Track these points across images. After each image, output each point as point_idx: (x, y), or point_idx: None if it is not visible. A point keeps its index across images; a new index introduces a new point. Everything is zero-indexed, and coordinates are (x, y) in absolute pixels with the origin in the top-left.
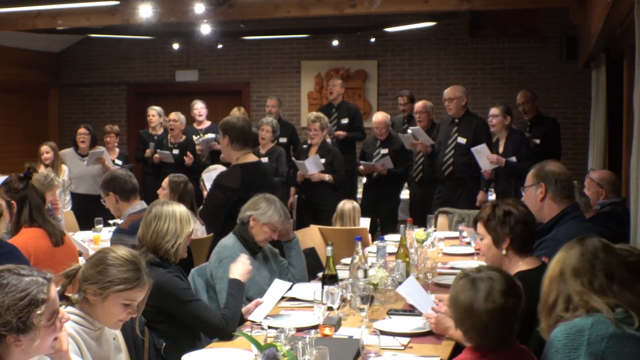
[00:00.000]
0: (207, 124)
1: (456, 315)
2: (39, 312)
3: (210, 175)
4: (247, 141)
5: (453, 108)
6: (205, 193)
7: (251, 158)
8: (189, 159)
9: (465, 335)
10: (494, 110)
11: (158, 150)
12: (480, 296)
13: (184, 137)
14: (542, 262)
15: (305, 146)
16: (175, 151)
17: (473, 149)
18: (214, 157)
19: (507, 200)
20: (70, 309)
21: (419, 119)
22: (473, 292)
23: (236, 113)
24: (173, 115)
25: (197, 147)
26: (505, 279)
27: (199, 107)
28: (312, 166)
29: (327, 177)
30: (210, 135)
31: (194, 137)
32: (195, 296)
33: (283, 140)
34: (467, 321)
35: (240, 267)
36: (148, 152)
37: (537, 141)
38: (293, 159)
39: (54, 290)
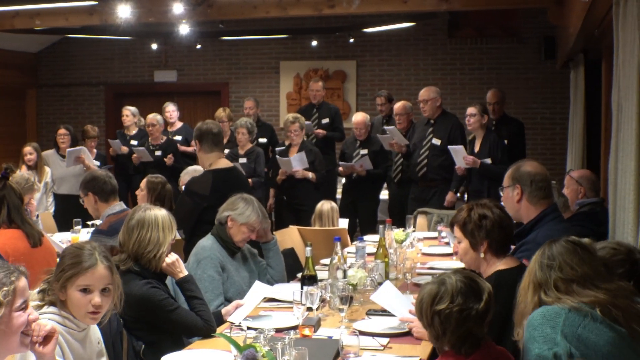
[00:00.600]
0: (179, 125)
1: (420, 318)
2: (5, 288)
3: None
4: (217, 142)
5: (428, 109)
6: None
7: (224, 164)
8: (169, 159)
9: (432, 339)
10: (471, 110)
11: (134, 148)
12: (439, 298)
13: (164, 139)
14: (521, 263)
15: (282, 148)
16: (158, 153)
17: (450, 147)
18: (180, 158)
19: (482, 202)
20: (52, 309)
21: (399, 121)
22: (433, 295)
23: (221, 114)
24: (151, 119)
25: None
26: (467, 280)
27: (170, 110)
28: (298, 163)
29: (310, 174)
30: (177, 138)
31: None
32: (176, 303)
33: (263, 140)
34: (430, 323)
35: (175, 263)
36: (111, 150)
37: (505, 142)
38: (277, 157)
39: (25, 283)
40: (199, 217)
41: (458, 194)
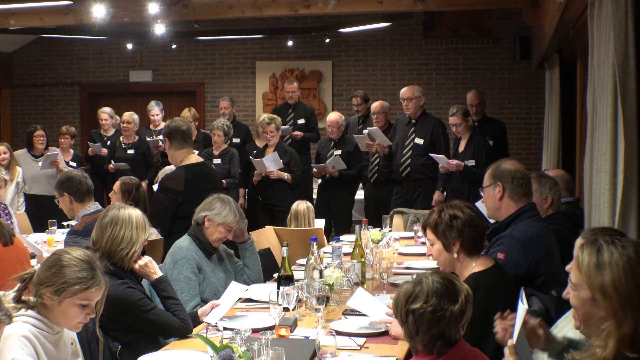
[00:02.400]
0: (163, 125)
1: (395, 315)
2: None
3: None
4: (186, 138)
5: (412, 108)
6: None
7: (194, 159)
8: (112, 167)
9: (407, 338)
10: (454, 120)
11: (112, 162)
12: (414, 297)
13: (137, 138)
14: (495, 262)
15: (255, 151)
16: (130, 151)
17: (432, 155)
18: (165, 158)
19: (452, 203)
20: (29, 312)
21: (377, 120)
22: (409, 294)
23: (186, 114)
24: (126, 117)
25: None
26: (444, 282)
27: (154, 113)
28: (271, 163)
29: (285, 175)
30: (158, 138)
31: (147, 139)
32: (152, 303)
33: (236, 140)
34: (405, 322)
35: (149, 265)
36: (90, 150)
37: (490, 143)
38: (250, 158)
39: None
40: (174, 213)
41: (445, 193)
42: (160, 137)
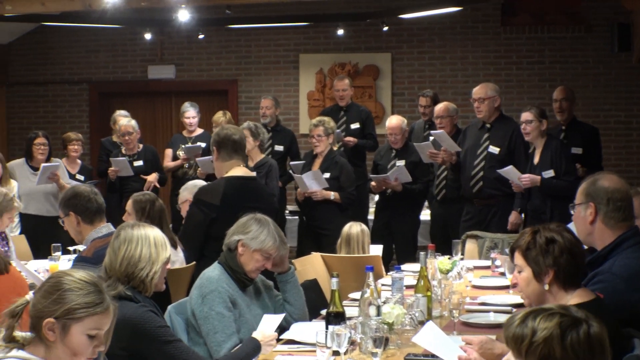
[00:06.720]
0: (199, 131)
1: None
2: None
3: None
4: (237, 149)
5: (484, 110)
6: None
7: (241, 171)
8: (151, 179)
9: None
10: (527, 115)
11: (112, 160)
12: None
13: (141, 146)
14: (596, 296)
15: (298, 162)
16: (138, 163)
17: (500, 171)
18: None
19: (549, 225)
20: (20, 353)
21: (440, 125)
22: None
23: (221, 118)
24: (126, 127)
25: (182, 157)
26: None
27: (190, 116)
28: (312, 182)
29: (332, 195)
30: (199, 144)
31: (181, 146)
32: (176, 336)
33: (279, 148)
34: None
35: (268, 333)
36: (111, 171)
37: (580, 150)
38: (290, 171)
39: None
40: (207, 232)
41: (523, 214)
42: (199, 143)
